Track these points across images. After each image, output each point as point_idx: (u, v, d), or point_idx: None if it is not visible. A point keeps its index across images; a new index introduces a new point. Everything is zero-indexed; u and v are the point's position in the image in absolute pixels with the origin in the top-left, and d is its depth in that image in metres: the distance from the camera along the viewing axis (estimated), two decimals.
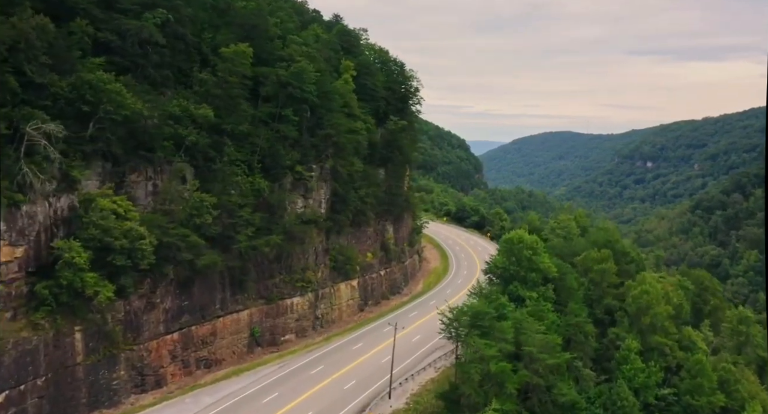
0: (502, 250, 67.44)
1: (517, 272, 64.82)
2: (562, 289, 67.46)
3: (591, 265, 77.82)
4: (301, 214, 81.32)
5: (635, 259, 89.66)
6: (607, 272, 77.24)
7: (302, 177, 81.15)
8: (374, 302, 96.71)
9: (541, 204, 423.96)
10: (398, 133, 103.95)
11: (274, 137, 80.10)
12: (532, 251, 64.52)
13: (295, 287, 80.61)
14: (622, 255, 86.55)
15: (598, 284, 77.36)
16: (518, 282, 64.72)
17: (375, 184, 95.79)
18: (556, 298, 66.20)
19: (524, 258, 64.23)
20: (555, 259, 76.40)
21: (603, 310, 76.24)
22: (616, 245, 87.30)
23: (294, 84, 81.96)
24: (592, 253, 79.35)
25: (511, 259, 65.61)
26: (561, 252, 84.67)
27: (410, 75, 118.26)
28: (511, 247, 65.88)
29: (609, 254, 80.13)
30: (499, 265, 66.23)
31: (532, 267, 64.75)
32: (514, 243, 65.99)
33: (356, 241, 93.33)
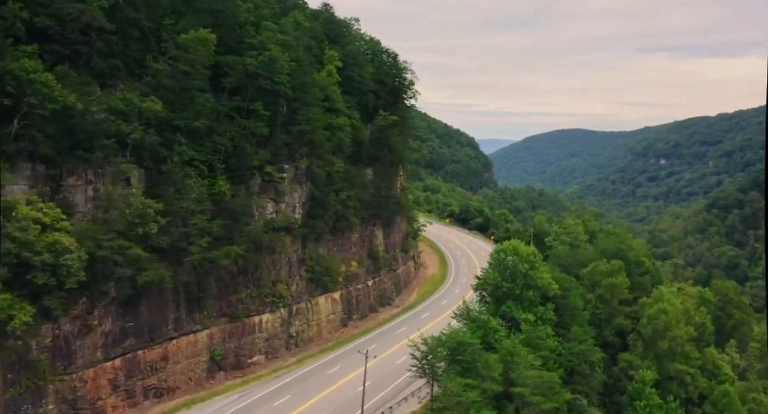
0: (493, 264, 56.87)
1: (510, 290, 54.14)
2: (565, 309, 56.64)
3: (599, 279, 66.73)
4: (272, 220, 71.23)
5: (650, 269, 78.32)
6: (618, 287, 66.14)
7: (272, 179, 71.03)
8: (360, 316, 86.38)
9: (552, 203, 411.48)
10: (388, 130, 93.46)
11: (241, 134, 70.17)
12: (529, 265, 53.85)
13: (264, 303, 70.54)
14: (636, 265, 75.27)
15: (607, 302, 66.11)
16: (512, 301, 54.06)
17: (361, 186, 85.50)
18: (557, 320, 55.52)
19: (519, 273, 53.64)
20: (558, 271, 65.66)
21: (613, 331, 65.20)
22: (628, 253, 76.06)
23: (264, 74, 72.03)
24: (601, 264, 68.23)
25: (504, 274, 54.94)
26: (565, 262, 73.69)
27: (404, 67, 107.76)
28: (504, 260, 55.23)
29: (620, 266, 69.01)
30: (489, 280, 55.66)
31: (528, 284, 54.06)
32: (508, 255, 55.29)
33: (338, 248, 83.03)
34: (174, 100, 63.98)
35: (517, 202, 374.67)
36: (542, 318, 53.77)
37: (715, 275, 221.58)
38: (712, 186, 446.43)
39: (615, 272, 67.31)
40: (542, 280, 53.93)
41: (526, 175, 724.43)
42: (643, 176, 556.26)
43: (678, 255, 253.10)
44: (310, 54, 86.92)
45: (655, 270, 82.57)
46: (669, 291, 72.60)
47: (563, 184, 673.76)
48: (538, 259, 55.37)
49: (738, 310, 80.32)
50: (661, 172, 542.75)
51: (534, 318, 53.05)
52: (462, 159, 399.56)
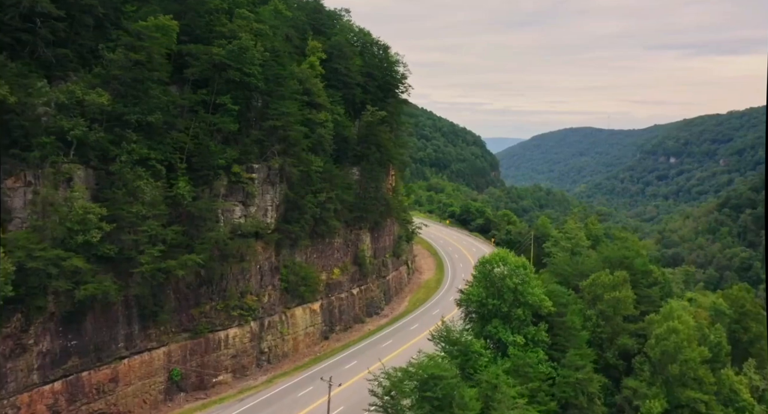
0: (478, 277, 49.31)
1: (497, 307, 46.48)
2: (561, 329, 48.91)
3: (601, 292, 58.79)
4: (239, 225, 64.03)
5: (660, 280, 70.16)
6: (623, 302, 58.07)
7: (240, 180, 63.85)
8: (343, 327, 79.10)
9: (560, 202, 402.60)
10: (376, 126, 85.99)
11: (205, 130, 63.16)
12: (519, 279, 46.24)
13: (230, 316, 63.42)
14: (643, 275, 67.09)
15: (609, 319, 57.99)
16: (499, 320, 46.49)
17: (344, 186, 78.18)
18: (552, 341, 47.91)
19: (507, 288, 46.08)
20: (556, 282, 58.01)
21: (616, 353, 57.13)
22: (635, 261, 68.01)
23: (232, 65, 65.01)
24: (603, 276, 60.22)
25: (490, 289, 47.33)
26: (564, 272, 65.79)
27: (395, 59, 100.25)
28: (489, 273, 47.61)
29: (624, 277, 61.00)
30: (474, 296, 48.10)
31: (518, 300, 46.50)
32: (494, 267, 47.61)
33: (319, 255, 75.77)
34: (126, 93, 57.02)
35: (523, 201, 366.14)
36: (534, 340, 46.21)
37: (727, 278, 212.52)
38: (723, 185, 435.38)
39: (619, 285, 59.29)
40: (533, 297, 46.41)
41: (534, 173, 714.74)
42: (653, 175, 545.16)
43: (689, 256, 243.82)
44: (290, 44, 79.76)
45: (665, 280, 74.24)
46: (680, 305, 64.39)
47: (572, 182, 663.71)
48: (529, 271, 47.82)
49: (755, 323, 72.32)
50: (671, 171, 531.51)
51: (524, 340, 45.55)
52: (468, 158, 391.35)
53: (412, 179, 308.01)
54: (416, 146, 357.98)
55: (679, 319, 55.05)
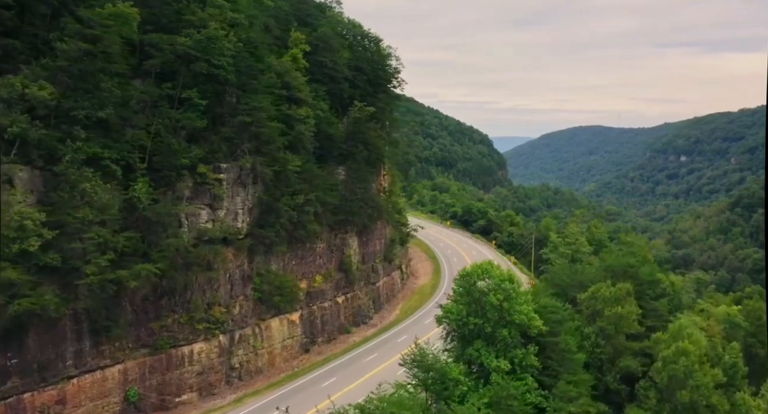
0: (457, 292, 42.99)
1: (480, 327, 40.22)
2: (554, 351, 42.54)
3: (601, 307, 52.23)
4: (206, 230, 58.18)
5: (668, 291, 63.36)
6: (626, 319, 51.34)
7: (206, 181, 57.98)
8: (326, 339, 73.11)
9: (568, 202, 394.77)
10: (364, 123, 79.90)
11: (168, 127, 57.40)
12: (503, 295, 39.86)
13: (195, 330, 57.61)
14: (650, 285, 60.35)
15: (610, 337, 51.44)
16: (483, 342, 40.22)
17: (327, 187, 72.17)
18: (543, 365, 41.50)
19: (490, 306, 39.80)
20: (551, 295, 51.60)
21: (618, 376, 50.46)
22: (641, 269, 61.34)
23: (199, 56, 59.28)
24: (603, 288, 53.55)
25: (471, 306, 41.08)
26: (562, 282, 59.22)
27: (387, 52, 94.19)
28: (471, 288, 41.30)
29: (628, 290, 54.33)
30: (453, 315, 41.78)
31: (504, 319, 40.19)
32: (475, 281, 41.29)
33: (298, 261, 69.84)
34: (75, 87, 51.33)
35: (531, 201, 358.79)
36: (521, 364, 39.99)
37: (740, 280, 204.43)
38: (735, 183, 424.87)
39: (622, 299, 52.72)
40: (521, 315, 40.12)
41: (543, 172, 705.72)
42: (663, 174, 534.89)
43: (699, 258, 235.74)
44: (269, 35, 73.91)
45: (674, 291, 67.38)
46: (690, 321, 57.71)
47: (581, 181, 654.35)
48: (516, 286, 41.51)
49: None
50: (681, 170, 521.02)
51: (509, 366, 39.31)
52: (474, 157, 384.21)
53: (417, 179, 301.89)
54: (422, 145, 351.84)
55: (689, 339, 48.53)
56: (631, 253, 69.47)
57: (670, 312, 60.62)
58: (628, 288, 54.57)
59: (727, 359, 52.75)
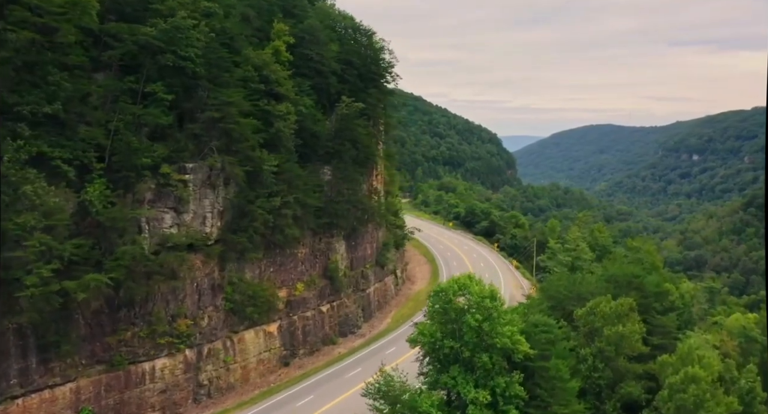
0: (431, 311, 37.35)
1: (457, 351, 34.60)
2: (543, 378, 36.70)
3: (600, 325, 45.99)
4: (169, 236, 52.94)
5: (678, 304, 56.88)
6: (627, 339, 45.15)
7: (169, 182, 52.74)
8: (309, 351, 67.70)
9: (578, 201, 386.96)
10: (352, 120, 74.36)
11: (130, 124, 52.29)
12: (483, 315, 34.02)
13: (157, 344, 52.34)
14: (657, 297, 54.00)
15: (610, 359, 45.25)
16: (460, 368, 34.52)
17: (309, 189, 66.73)
18: (530, 394, 35.63)
19: (468, 328, 34.06)
20: (546, 309, 45.89)
21: (618, 404, 44.09)
22: (647, 279, 55.02)
23: (164, 48, 54.19)
24: (603, 303, 47.25)
25: (447, 327, 35.36)
26: (558, 295, 53.09)
27: (380, 46, 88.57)
28: (446, 307, 35.56)
29: (631, 305, 48.11)
30: (425, 336, 36.04)
31: (484, 342, 34.44)
32: (450, 299, 35.46)
33: (277, 268, 64.46)
34: (21, 80, 46.33)
35: (540, 200, 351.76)
36: (504, 395, 34.27)
37: (754, 282, 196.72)
38: (749, 183, 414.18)
39: (623, 315, 46.56)
40: (504, 339, 34.35)
41: (553, 172, 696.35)
42: (675, 173, 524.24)
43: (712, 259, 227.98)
44: (248, 26, 68.57)
45: (684, 304, 60.68)
46: (702, 340, 51.36)
47: (592, 180, 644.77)
48: (498, 304, 35.74)
49: None
50: (693, 169, 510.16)
51: (489, 398, 33.58)
52: (483, 156, 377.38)
53: (424, 178, 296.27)
54: (429, 144, 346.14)
55: (699, 362, 42.51)
56: (638, 260, 63.39)
57: (679, 328, 54.31)
58: (631, 303, 48.36)
59: (743, 384, 46.66)
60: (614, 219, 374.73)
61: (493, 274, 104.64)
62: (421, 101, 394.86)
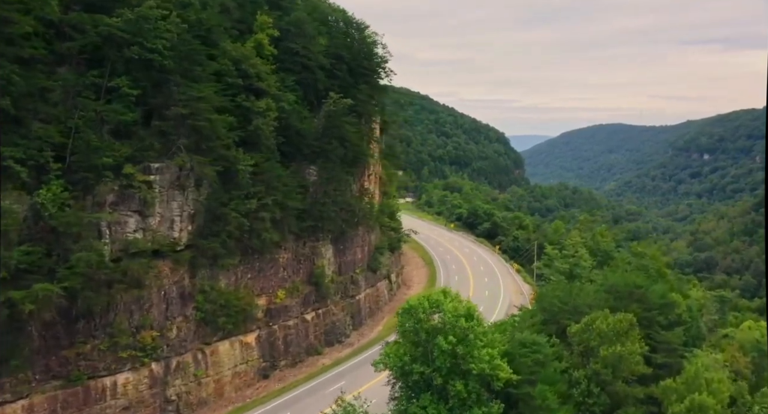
0: (400, 331, 32.98)
1: (429, 377, 30.23)
2: (528, 407, 32.16)
3: (596, 344, 41.13)
4: (133, 241, 48.83)
5: (685, 318, 51.56)
6: (627, 361, 40.35)
7: (131, 183, 48.62)
8: (291, 362, 63.44)
9: (587, 201, 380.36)
10: (340, 117, 70.01)
11: (91, 121, 48.27)
12: (458, 336, 29.51)
13: (118, 358, 48.25)
14: (662, 309, 48.85)
15: (607, 383, 40.27)
16: (433, 396, 30.13)
17: (291, 190, 62.48)
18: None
19: (440, 351, 29.65)
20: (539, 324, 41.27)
21: None
22: (651, 289, 50.01)
23: (130, 39, 50.21)
24: (600, 319, 42.28)
25: (417, 350, 30.98)
26: (552, 307, 48.09)
27: (372, 40, 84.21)
28: (416, 327, 31.15)
29: (631, 321, 43.16)
30: (391, 360, 31.55)
31: (458, 367, 29.95)
32: (420, 319, 30.88)
33: (255, 275, 60.24)
34: None
35: (548, 200, 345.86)
36: None
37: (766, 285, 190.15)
38: (759, 182, 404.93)
39: (623, 333, 41.67)
40: (481, 364, 29.84)
41: (563, 171, 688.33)
42: (685, 172, 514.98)
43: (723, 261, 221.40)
44: (227, 18, 64.37)
45: (692, 318, 55.33)
46: (711, 360, 46.23)
47: (601, 180, 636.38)
48: (475, 323, 31.17)
49: None
50: (704, 168, 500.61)
51: None
52: (490, 155, 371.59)
53: (430, 178, 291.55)
54: (436, 143, 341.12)
55: (708, 387, 37.73)
56: (642, 267, 58.53)
57: (686, 344, 49.28)
58: (631, 319, 43.40)
59: (757, 411, 41.69)
60: (623, 219, 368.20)
61: (493, 278, 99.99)
62: (427, 100, 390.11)
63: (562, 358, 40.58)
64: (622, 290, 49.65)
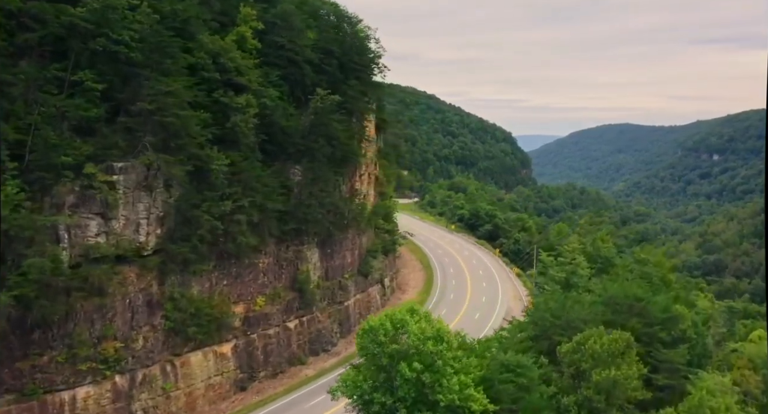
0: (360, 354, 29.16)
1: (392, 408, 26.44)
2: None
3: (588, 367, 36.88)
4: (95, 246, 45.32)
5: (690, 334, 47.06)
6: (622, 386, 36.18)
7: (92, 185, 45.09)
8: (271, 373, 59.75)
9: (594, 202, 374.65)
10: (327, 114, 66.23)
11: (50, 117, 44.87)
12: (425, 362, 25.74)
13: (78, 371, 44.74)
14: (665, 324, 44.44)
15: (600, 411, 36.08)
16: None
17: (269, 191, 58.73)
18: None
19: (403, 380, 25.89)
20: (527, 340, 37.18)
21: None
22: (654, 301, 45.62)
23: (94, 30, 46.85)
24: (593, 339, 37.94)
25: (379, 376, 27.25)
26: (544, 321, 43.62)
27: (364, 34, 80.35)
28: (376, 350, 27.38)
29: (628, 341, 38.72)
30: (350, 389, 27.80)
31: (425, 396, 26.06)
32: (382, 342, 27.09)
33: (231, 281, 56.57)
34: None
35: (555, 201, 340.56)
36: None
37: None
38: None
39: (618, 355, 37.45)
40: (450, 394, 25.94)
41: (571, 171, 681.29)
42: (695, 173, 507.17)
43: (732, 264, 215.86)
44: (206, 9, 60.70)
45: (698, 334, 50.53)
46: (717, 384, 41.87)
47: (610, 180, 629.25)
48: (445, 347, 27.22)
49: None
50: (714, 169, 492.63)
51: None
52: (497, 155, 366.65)
53: (435, 178, 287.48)
54: (441, 143, 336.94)
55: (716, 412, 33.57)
56: (645, 275, 54.23)
57: (690, 364, 44.94)
58: (628, 338, 39.08)
59: None
60: (631, 220, 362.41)
61: (492, 283, 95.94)
62: (433, 99, 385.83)
63: (551, 382, 36.58)
64: (621, 303, 45.32)
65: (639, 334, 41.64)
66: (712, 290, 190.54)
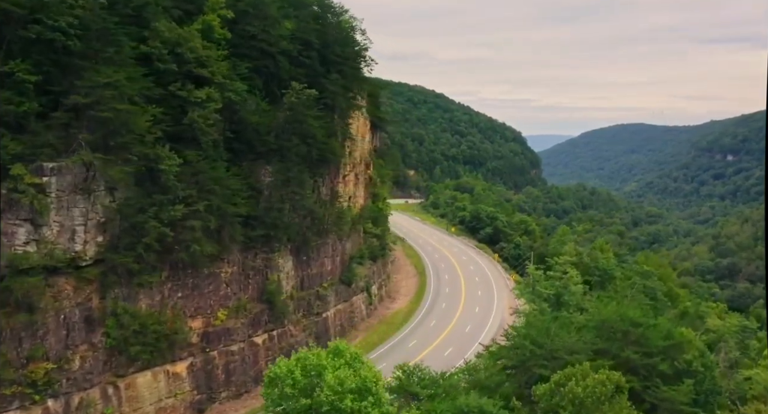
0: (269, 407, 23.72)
1: None
2: None
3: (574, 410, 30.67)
4: (23, 256, 40.02)
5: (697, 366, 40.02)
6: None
7: (17, 188, 39.80)
8: (233, 394, 54.28)
9: (605, 203, 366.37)
10: (302, 110, 60.59)
11: None
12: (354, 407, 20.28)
13: (1, 396, 39.49)
14: (666, 354, 38.07)
15: None
16: None
17: (236, 194, 53.18)
18: None
19: None
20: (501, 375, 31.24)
21: None
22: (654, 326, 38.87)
23: (27, 16, 41.72)
24: (575, 379, 31.56)
25: None
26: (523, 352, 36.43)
27: (348, 25, 74.67)
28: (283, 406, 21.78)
29: (619, 382, 32.54)
30: None
31: None
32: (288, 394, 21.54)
33: (189, 293, 51.13)
34: None
35: (564, 202, 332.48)
36: None
37: None
38: None
39: (605, 400, 31.17)
40: None
41: (583, 172, 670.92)
42: (708, 173, 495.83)
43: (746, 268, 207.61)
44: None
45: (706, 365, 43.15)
46: None
47: (622, 181, 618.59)
48: (369, 405, 21.54)
49: None
50: (728, 169, 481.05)
51: None
52: (506, 155, 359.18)
53: (442, 178, 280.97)
54: (449, 142, 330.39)
55: None
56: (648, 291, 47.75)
57: (696, 402, 38.34)
58: (618, 379, 32.59)
59: None
60: (643, 221, 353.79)
61: (488, 291, 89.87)
62: (442, 98, 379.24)
63: None
64: (615, 328, 39.09)
65: (635, 366, 35.58)
66: (725, 296, 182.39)
